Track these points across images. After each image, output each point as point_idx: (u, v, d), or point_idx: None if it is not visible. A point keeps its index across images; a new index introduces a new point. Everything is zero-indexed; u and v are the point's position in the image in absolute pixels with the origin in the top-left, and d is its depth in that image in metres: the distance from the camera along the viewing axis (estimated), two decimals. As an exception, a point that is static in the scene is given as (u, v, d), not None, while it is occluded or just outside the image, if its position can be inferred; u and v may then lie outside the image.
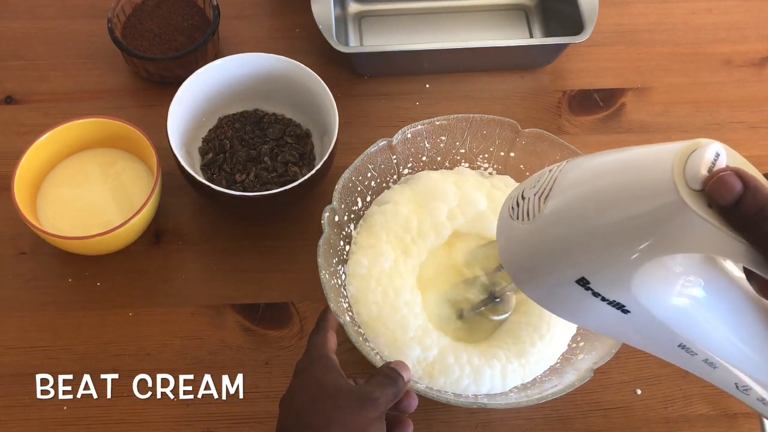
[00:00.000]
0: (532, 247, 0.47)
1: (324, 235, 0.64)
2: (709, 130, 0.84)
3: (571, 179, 0.45)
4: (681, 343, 0.45)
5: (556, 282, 0.46)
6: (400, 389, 0.53)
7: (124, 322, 0.71)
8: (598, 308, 0.45)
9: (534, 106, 0.85)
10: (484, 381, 0.63)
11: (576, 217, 0.44)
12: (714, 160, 0.38)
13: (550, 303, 0.50)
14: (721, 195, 0.37)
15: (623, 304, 0.44)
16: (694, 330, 0.45)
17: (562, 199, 0.45)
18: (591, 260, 0.44)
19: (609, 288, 0.44)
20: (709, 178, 0.37)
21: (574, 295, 0.45)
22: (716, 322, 0.45)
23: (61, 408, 0.67)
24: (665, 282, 0.43)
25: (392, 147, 0.70)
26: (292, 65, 0.76)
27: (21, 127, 0.81)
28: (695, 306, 0.44)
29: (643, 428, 0.68)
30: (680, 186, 0.38)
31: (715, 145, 0.39)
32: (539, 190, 0.47)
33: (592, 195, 0.44)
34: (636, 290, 0.43)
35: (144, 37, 0.83)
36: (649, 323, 0.44)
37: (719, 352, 0.45)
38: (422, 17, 0.93)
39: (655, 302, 0.44)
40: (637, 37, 0.90)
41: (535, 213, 0.46)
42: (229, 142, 0.77)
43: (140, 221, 0.69)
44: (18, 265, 0.73)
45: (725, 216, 0.38)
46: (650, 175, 0.40)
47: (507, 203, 0.50)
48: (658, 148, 0.41)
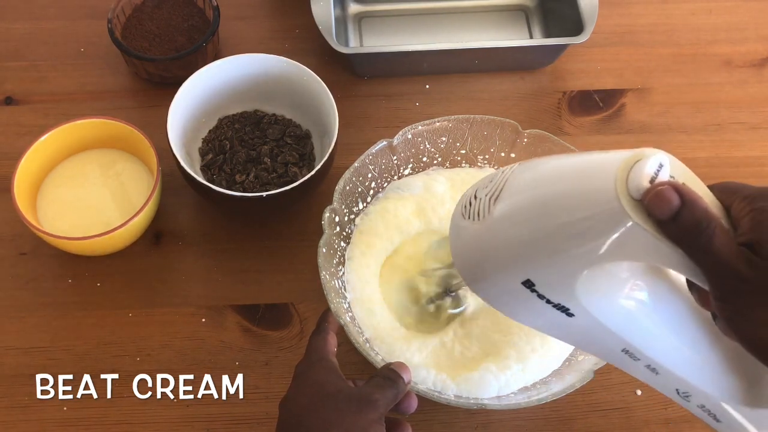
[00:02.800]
0: (481, 248, 0.48)
1: (324, 236, 0.64)
2: (708, 130, 0.84)
3: (520, 182, 0.46)
4: (624, 348, 0.46)
5: (503, 283, 0.47)
6: (400, 391, 0.53)
7: (124, 322, 0.71)
8: (544, 310, 0.45)
9: (534, 106, 0.85)
10: (485, 388, 0.63)
11: (523, 221, 0.45)
12: (657, 171, 0.39)
13: (498, 303, 0.50)
14: (659, 209, 0.38)
15: (568, 308, 0.45)
16: (638, 335, 0.45)
17: (510, 202, 0.46)
18: (536, 263, 0.44)
19: (553, 291, 0.44)
20: (649, 190, 0.38)
21: (520, 297, 0.46)
22: (659, 327, 0.46)
23: (61, 408, 0.67)
24: (609, 287, 0.44)
25: (393, 147, 0.70)
26: (292, 66, 0.76)
27: (21, 127, 0.81)
28: (639, 311, 0.45)
29: (643, 429, 0.68)
30: (622, 196, 0.38)
31: (659, 156, 0.39)
32: (491, 191, 0.47)
33: (538, 200, 0.44)
34: (580, 294, 0.43)
35: (144, 37, 0.83)
36: (593, 327, 0.45)
37: (661, 358, 0.46)
38: (422, 18, 0.93)
39: (599, 307, 0.44)
40: (637, 38, 0.90)
41: (485, 214, 0.47)
42: (229, 142, 0.77)
43: (140, 222, 0.69)
44: (18, 266, 0.73)
45: (663, 229, 0.38)
46: (594, 183, 0.40)
47: (461, 202, 0.51)
48: (604, 156, 0.42)
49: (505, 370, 0.64)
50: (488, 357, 0.65)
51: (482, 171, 0.74)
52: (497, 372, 0.64)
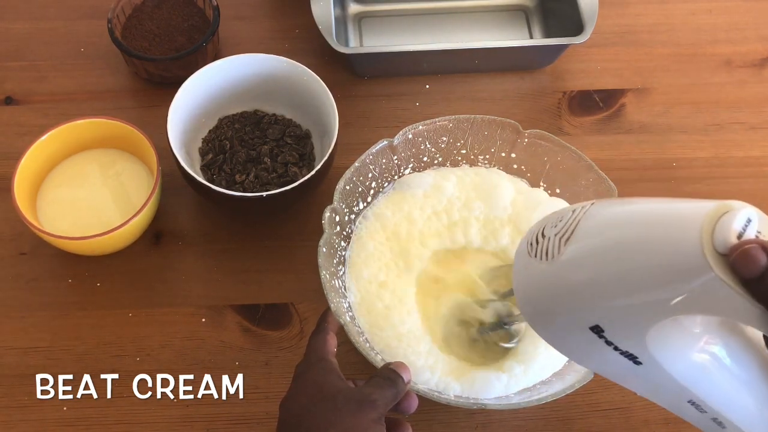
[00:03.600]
0: (548, 288, 0.46)
1: (324, 236, 0.64)
2: (709, 130, 0.84)
3: (595, 225, 0.44)
4: (691, 399, 0.45)
5: (569, 326, 0.46)
6: (400, 391, 0.53)
7: (124, 322, 0.71)
8: (610, 357, 0.44)
9: (534, 106, 0.85)
10: (489, 389, 0.63)
11: (596, 266, 0.43)
12: (745, 226, 0.37)
13: (560, 345, 0.49)
14: (745, 268, 0.36)
15: (636, 356, 0.44)
16: (707, 388, 0.44)
17: (584, 245, 0.44)
18: (608, 310, 0.43)
19: (623, 339, 0.43)
20: (735, 247, 0.37)
21: (586, 341, 0.44)
22: (731, 382, 0.44)
23: (61, 408, 0.67)
24: (682, 339, 0.43)
25: (393, 147, 0.70)
26: (292, 66, 0.76)
27: (21, 127, 0.81)
28: (710, 365, 0.44)
29: (643, 429, 0.68)
30: (707, 249, 0.37)
31: (747, 211, 0.38)
32: (561, 230, 0.46)
33: (615, 246, 0.43)
34: (651, 344, 0.42)
35: (144, 37, 0.83)
36: (661, 377, 0.44)
37: (730, 413, 0.45)
38: (422, 18, 0.93)
39: (670, 358, 0.43)
40: (637, 38, 0.90)
41: (554, 254, 0.45)
42: (229, 142, 0.77)
43: (140, 222, 0.69)
44: (18, 266, 0.73)
45: (748, 287, 0.37)
46: (677, 233, 0.39)
47: (526, 238, 0.49)
48: (689, 205, 0.40)
49: (508, 370, 0.64)
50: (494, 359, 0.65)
51: (489, 171, 0.74)
52: (501, 373, 0.64)
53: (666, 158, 0.82)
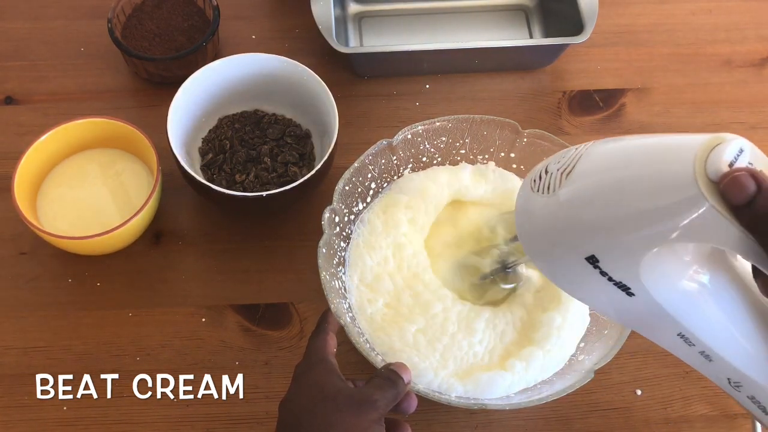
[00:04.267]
0: (548, 220, 0.48)
1: (324, 236, 0.64)
2: (708, 130, 0.84)
3: (594, 160, 0.46)
4: (680, 332, 0.46)
5: (566, 257, 0.47)
6: (400, 391, 0.53)
7: (124, 322, 0.71)
8: (604, 288, 0.46)
9: (534, 106, 0.85)
10: (493, 389, 0.63)
11: (594, 198, 0.45)
12: (736, 156, 0.39)
13: (559, 277, 0.51)
14: (734, 194, 0.38)
15: (629, 287, 0.45)
16: (695, 319, 0.45)
17: (583, 178, 0.46)
18: (603, 240, 0.44)
19: (617, 269, 0.45)
20: (726, 174, 0.38)
21: (582, 272, 0.46)
22: (718, 314, 0.45)
23: (61, 408, 0.67)
24: (672, 269, 0.44)
25: (393, 147, 0.70)
26: (292, 65, 0.76)
27: (21, 127, 0.81)
28: (699, 295, 0.45)
29: (642, 429, 0.68)
30: (700, 178, 0.39)
31: (739, 141, 0.39)
32: (563, 165, 0.47)
33: (613, 178, 0.44)
34: (643, 274, 0.44)
35: (144, 37, 0.83)
36: (652, 308, 0.45)
37: (717, 345, 0.46)
38: (422, 17, 0.93)
39: (660, 288, 0.45)
40: (637, 38, 0.90)
41: (555, 188, 0.47)
42: (229, 142, 0.77)
43: (140, 221, 0.69)
44: (18, 265, 0.73)
45: (737, 214, 0.38)
46: (672, 165, 0.40)
47: (530, 176, 0.51)
48: (682, 138, 0.42)
49: (510, 370, 0.64)
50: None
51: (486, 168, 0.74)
52: (504, 373, 0.64)
53: (666, 158, 0.82)
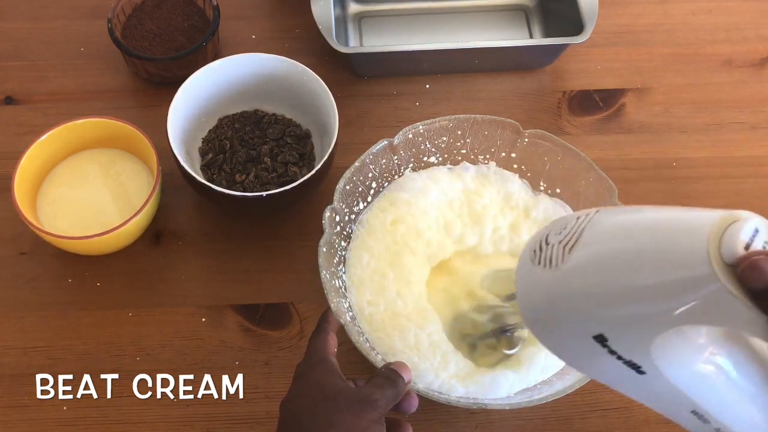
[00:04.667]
0: (552, 296, 0.46)
1: (325, 236, 0.64)
2: (709, 130, 0.84)
3: (599, 233, 0.44)
4: (695, 409, 0.44)
5: (572, 334, 0.45)
6: (400, 390, 0.53)
7: (124, 322, 0.71)
8: (613, 366, 0.44)
9: (534, 106, 0.85)
10: (495, 390, 0.63)
11: (601, 274, 0.43)
12: (752, 237, 0.37)
13: (563, 352, 0.49)
14: (754, 279, 0.36)
15: (640, 366, 0.43)
16: (710, 400, 0.44)
17: (588, 253, 0.44)
18: (612, 319, 0.43)
19: (627, 349, 0.43)
20: (743, 258, 0.36)
21: (589, 350, 0.44)
22: (735, 394, 0.44)
23: (61, 408, 0.67)
24: (686, 350, 0.42)
25: (393, 147, 0.70)
26: (292, 65, 0.76)
27: (21, 127, 0.81)
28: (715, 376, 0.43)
29: (642, 428, 0.68)
30: (714, 259, 0.37)
31: (755, 221, 0.38)
32: (565, 238, 0.45)
33: (621, 255, 0.42)
34: (655, 354, 0.42)
35: (144, 37, 0.83)
36: (664, 387, 0.43)
37: (734, 424, 0.44)
38: (422, 17, 0.93)
39: (674, 368, 0.43)
40: (637, 38, 0.90)
41: (558, 262, 0.45)
42: (229, 142, 0.77)
43: (140, 221, 0.69)
44: (18, 265, 0.73)
45: (755, 299, 0.37)
46: (685, 243, 0.38)
47: (530, 245, 0.49)
48: (695, 214, 0.40)
49: (511, 370, 0.64)
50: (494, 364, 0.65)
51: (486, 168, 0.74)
52: (505, 373, 0.64)
53: (666, 158, 0.82)
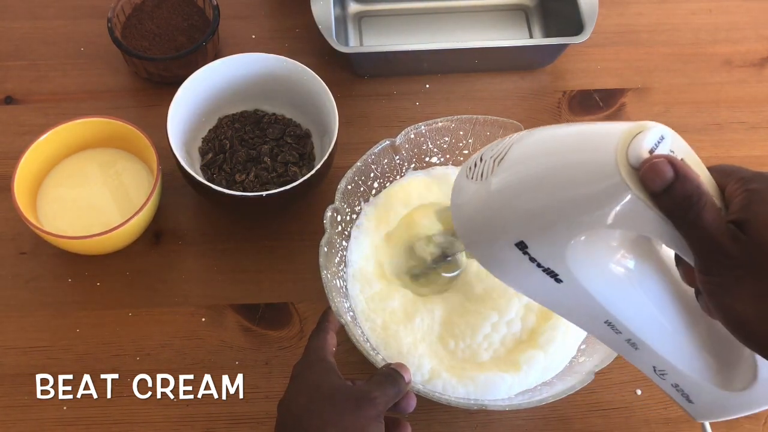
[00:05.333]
0: (480, 206, 0.49)
1: (326, 235, 0.64)
2: (709, 130, 0.84)
3: (524, 148, 0.47)
4: (607, 319, 0.47)
5: (497, 242, 0.48)
6: (401, 389, 0.53)
7: (124, 322, 0.71)
8: (534, 274, 0.47)
9: (534, 106, 0.85)
10: (494, 391, 0.63)
11: (522, 185, 0.46)
12: (657, 144, 0.40)
13: (492, 265, 0.51)
14: (652, 181, 0.39)
15: (557, 273, 0.46)
16: (621, 306, 0.47)
17: (512, 166, 0.47)
18: (530, 226, 0.45)
19: (545, 255, 0.46)
20: (645, 161, 0.39)
21: (512, 259, 0.47)
22: (643, 300, 0.47)
23: (61, 408, 0.67)
24: (598, 256, 0.45)
25: (395, 147, 0.70)
26: (292, 65, 0.76)
27: (21, 127, 0.81)
28: (624, 281, 0.46)
29: (643, 428, 0.68)
30: (622, 165, 0.40)
31: (659, 129, 0.40)
32: (496, 153, 0.48)
33: (539, 169, 0.45)
34: (569, 261, 0.45)
35: (144, 37, 0.83)
36: (579, 295, 0.46)
37: (643, 333, 0.47)
38: (422, 17, 0.93)
39: (586, 274, 0.45)
40: (637, 37, 0.90)
41: (487, 174, 0.48)
42: (229, 142, 0.77)
43: (140, 221, 0.69)
44: (18, 265, 0.73)
45: (656, 201, 0.39)
46: (595, 153, 0.41)
47: (467, 163, 0.52)
48: (606, 126, 0.43)
49: (512, 372, 0.64)
50: (499, 359, 0.65)
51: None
52: (505, 375, 0.64)
53: (666, 158, 0.82)
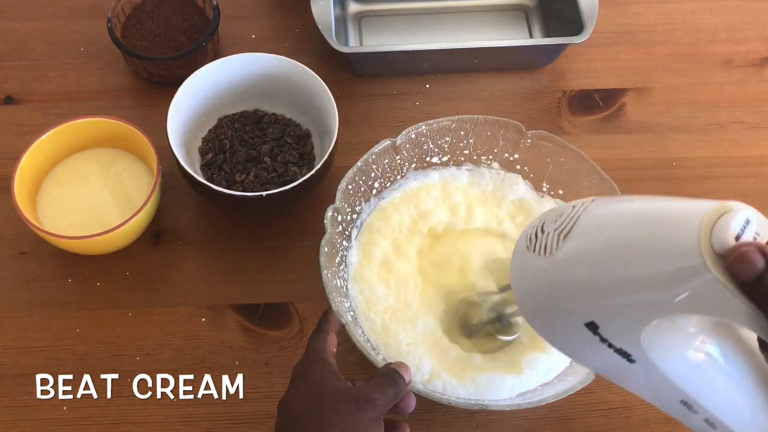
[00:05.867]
0: (545, 284, 0.47)
1: (327, 235, 0.64)
2: (709, 130, 0.84)
3: (594, 222, 0.45)
4: (683, 399, 0.45)
5: (564, 322, 0.46)
6: (401, 390, 0.53)
7: (124, 322, 0.71)
8: (604, 354, 0.44)
9: (534, 106, 0.85)
10: (495, 391, 0.63)
11: (594, 263, 0.43)
12: (743, 228, 0.37)
13: (556, 340, 0.49)
14: (743, 271, 0.36)
15: (630, 354, 0.44)
16: (699, 389, 0.44)
17: (582, 242, 0.44)
18: (603, 307, 0.43)
19: (618, 337, 0.43)
20: (733, 249, 0.37)
21: (581, 338, 0.45)
22: (725, 383, 0.44)
23: (61, 408, 0.67)
24: (676, 339, 0.43)
25: (396, 147, 0.70)
26: (292, 65, 0.76)
27: (21, 127, 0.81)
28: (704, 365, 0.44)
29: (643, 428, 0.68)
30: (705, 250, 0.37)
31: (745, 212, 0.38)
32: (560, 225, 0.46)
33: (613, 244, 0.43)
34: (645, 343, 0.42)
35: (144, 37, 0.83)
36: (654, 376, 0.44)
37: (722, 414, 0.45)
38: (422, 17, 0.93)
39: (663, 357, 0.43)
40: (637, 37, 0.90)
41: (552, 249, 0.45)
42: (229, 142, 0.77)
43: (140, 221, 0.69)
44: (18, 265, 0.73)
45: (745, 289, 0.37)
46: (676, 233, 0.39)
47: (526, 232, 0.50)
48: (688, 204, 0.40)
49: (513, 373, 0.64)
50: (500, 360, 0.65)
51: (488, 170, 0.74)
52: (505, 376, 0.63)
53: (666, 158, 0.82)
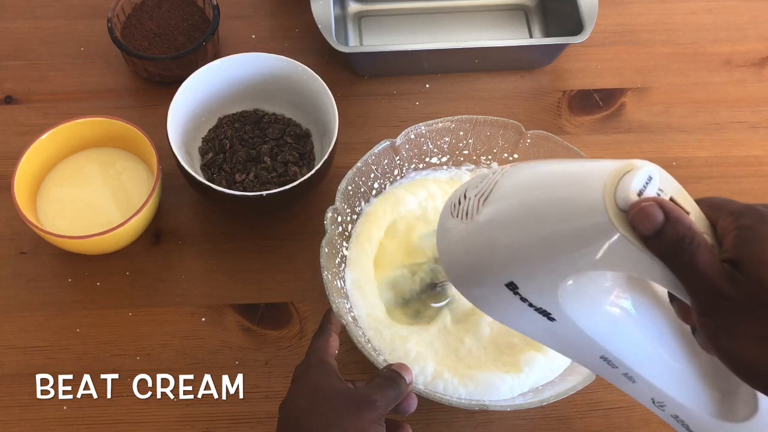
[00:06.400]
0: (467, 248, 0.48)
1: (327, 236, 0.64)
2: (709, 130, 0.84)
3: (510, 185, 0.46)
4: (603, 355, 0.46)
5: (486, 284, 0.47)
6: (402, 391, 0.53)
7: (124, 322, 0.71)
8: (526, 314, 0.46)
9: (534, 106, 0.85)
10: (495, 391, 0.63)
11: (509, 225, 0.45)
12: (645, 184, 0.39)
13: (481, 303, 0.50)
14: (643, 225, 0.38)
15: (549, 312, 0.45)
16: (617, 344, 0.46)
17: (498, 205, 0.45)
18: (520, 267, 0.44)
19: (536, 295, 0.45)
20: (634, 204, 0.38)
21: (503, 299, 0.46)
22: (640, 336, 0.46)
23: (61, 408, 0.67)
24: (591, 295, 0.44)
25: (395, 148, 0.70)
26: (292, 65, 0.76)
27: (21, 127, 0.81)
28: (620, 319, 0.45)
29: (643, 428, 0.68)
30: (610, 207, 0.38)
31: (648, 169, 0.39)
32: (480, 191, 0.47)
33: (527, 205, 0.44)
34: (562, 300, 0.44)
35: (144, 37, 0.83)
36: (573, 333, 0.45)
37: (639, 367, 0.46)
38: (422, 17, 0.93)
39: (580, 313, 0.44)
40: (637, 37, 0.90)
41: (473, 214, 0.47)
42: (229, 141, 0.77)
43: (140, 221, 0.69)
44: (18, 265, 0.73)
45: (647, 244, 0.38)
46: (583, 193, 0.40)
47: (450, 200, 0.51)
48: (594, 165, 0.42)
49: (512, 373, 0.64)
50: (500, 360, 0.65)
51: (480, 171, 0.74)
52: (505, 376, 0.64)
53: (666, 157, 0.82)
